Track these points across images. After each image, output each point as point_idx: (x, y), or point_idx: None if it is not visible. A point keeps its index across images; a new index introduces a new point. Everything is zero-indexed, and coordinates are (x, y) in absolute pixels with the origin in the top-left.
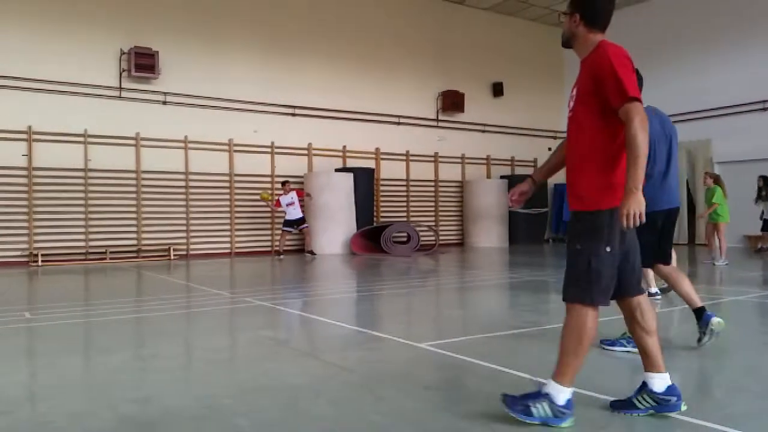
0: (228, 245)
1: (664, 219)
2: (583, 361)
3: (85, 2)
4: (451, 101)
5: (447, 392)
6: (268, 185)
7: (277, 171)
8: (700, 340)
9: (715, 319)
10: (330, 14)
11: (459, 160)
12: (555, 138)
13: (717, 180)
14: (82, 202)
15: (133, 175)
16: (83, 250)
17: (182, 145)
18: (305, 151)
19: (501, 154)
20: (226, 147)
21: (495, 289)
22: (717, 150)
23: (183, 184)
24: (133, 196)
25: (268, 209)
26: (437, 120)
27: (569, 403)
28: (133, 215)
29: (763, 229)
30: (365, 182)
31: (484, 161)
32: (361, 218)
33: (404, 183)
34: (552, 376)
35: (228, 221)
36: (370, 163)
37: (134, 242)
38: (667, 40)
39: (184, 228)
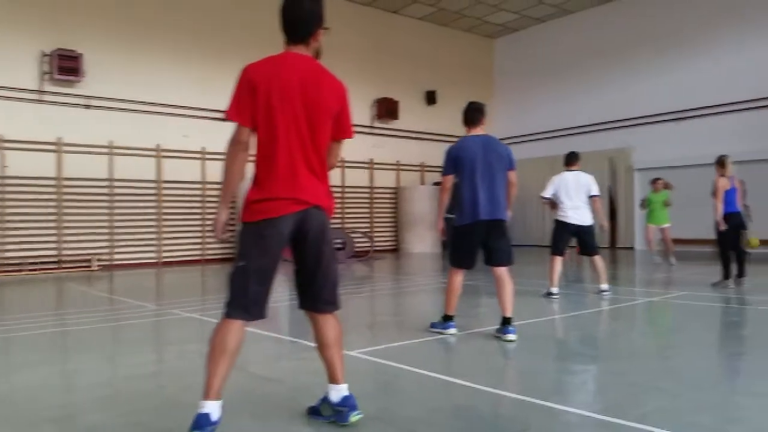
0: (155, 255)
1: (485, 227)
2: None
3: (4, 2)
4: (386, 109)
5: (375, 401)
6: (199, 192)
7: (208, 177)
8: (499, 338)
9: (510, 336)
10: (263, 19)
11: (394, 167)
12: None
13: (666, 186)
14: None
15: (54, 182)
16: None
17: (107, 150)
18: None
19: (435, 161)
20: (154, 152)
21: (427, 294)
22: (637, 158)
23: (107, 191)
24: (54, 203)
25: (198, 216)
26: (372, 127)
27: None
28: (53, 224)
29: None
30: None
31: (419, 168)
32: None
33: (339, 190)
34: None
35: (155, 230)
36: None
37: (54, 252)
38: (590, 53)
39: (108, 237)
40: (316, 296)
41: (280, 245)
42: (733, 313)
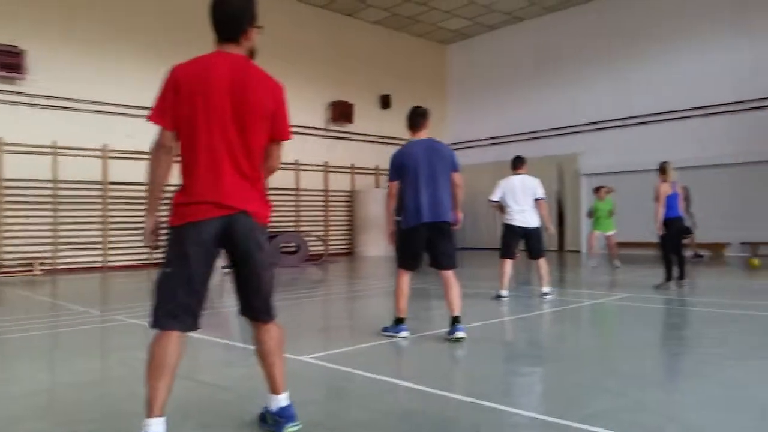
0: (100, 259)
1: (428, 230)
2: (161, 386)
3: None
4: (341, 112)
5: (324, 406)
6: (146, 194)
7: None
8: (449, 339)
9: (459, 333)
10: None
11: (349, 170)
12: None
13: (608, 191)
14: None
15: None
16: None
17: (51, 150)
18: None
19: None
20: (100, 153)
21: (380, 298)
22: (583, 163)
23: (51, 192)
24: None
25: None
26: (327, 130)
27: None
28: None
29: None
30: None
31: (374, 171)
32: None
33: (294, 193)
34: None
35: (101, 233)
36: None
37: None
38: (540, 60)
39: (52, 240)
40: (248, 304)
41: (205, 250)
42: (674, 314)
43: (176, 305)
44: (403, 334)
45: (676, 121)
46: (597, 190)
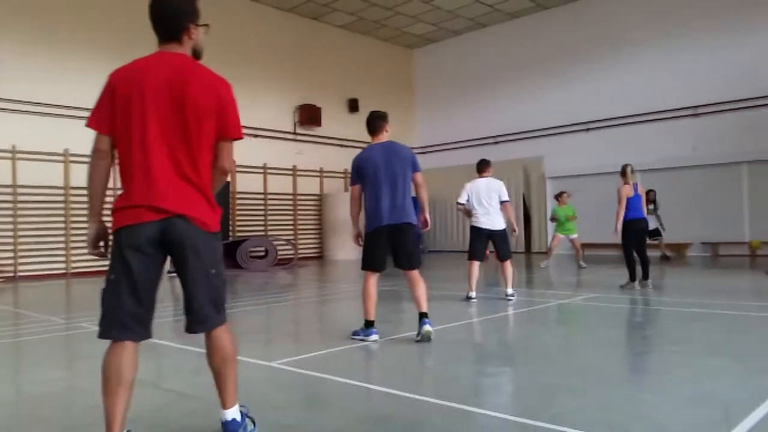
0: (63, 265)
1: (389, 232)
2: (112, 401)
3: None
4: (308, 115)
5: (294, 412)
6: (110, 199)
7: (119, 184)
8: (418, 339)
9: (426, 327)
10: None
11: (317, 174)
12: None
13: (568, 197)
14: None
15: None
16: None
17: (9, 155)
18: None
19: None
20: (62, 157)
21: (350, 302)
22: (548, 166)
23: (10, 198)
24: None
25: (110, 224)
26: (295, 133)
27: None
28: None
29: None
30: (220, 196)
31: (342, 175)
32: None
33: (262, 196)
34: None
35: (63, 239)
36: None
37: None
38: (505, 65)
39: (12, 247)
40: (186, 312)
41: (144, 255)
42: (638, 314)
43: (122, 313)
44: (373, 337)
45: (638, 124)
46: (559, 195)
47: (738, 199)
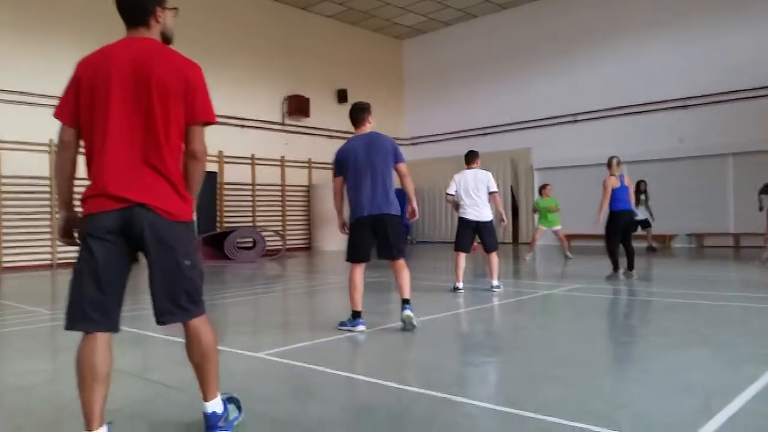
0: (49, 256)
1: (370, 223)
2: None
3: None
4: (297, 106)
5: (282, 403)
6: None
7: None
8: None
9: (406, 311)
10: None
11: (306, 165)
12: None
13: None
14: None
15: None
16: None
17: None
18: None
19: None
20: (47, 147)
21: (338, 292)
22: (536, 158)
23: None
24: None
25: None
26: (283, 124)
27: None
28: None
29: (642, 227)
30: (208, 187)
31: (331, 166)
32: (204, 224)
33: (250, 187)
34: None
35: (49, 229)
36: (213, 167)
37: None
38: (494, 56)
39: None
40: (155, 306)
41: (108, 244)
42: (623, 304)
43: (85, 304)
44: (360, 327)
45: (625, 116)
46: (542, 188)
47: (723, 190)
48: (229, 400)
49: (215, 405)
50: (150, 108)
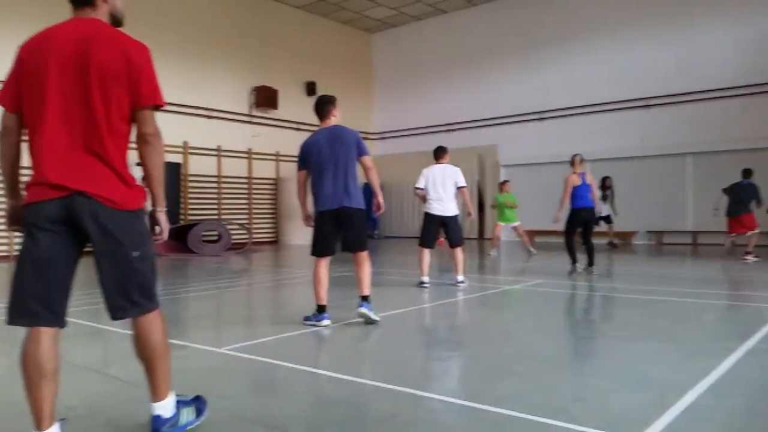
0: (6, 248)
1: (334, 217)
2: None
3: None
4: (265, 97)
5: (242, 398)
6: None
7: None
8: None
9: (361, 309)
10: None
11: (273, 157)
12: (365, 138)
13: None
14: None
15: None
16: None
17: None
18: None
19: None
20: None
21: (303, 287)
22: (503, 154)
23: None
24: None
25: None
26: (250, 115)
27: None
28: None
29: (606, 222)
30: (171, 178)
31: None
32: (167, 216)
33: (215, 179)
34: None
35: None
36: (177, 158)
37: None
38: (463, 52)
39: None
40: (105, 301)
41: (51, 234)
42: (583, 300)
43: (28, 297)
44: (325, 322)
45: (590, 115)
46: (502, 184)
47: (682, 189)
48: (187, 402)
49: (163, 407)
50: (89, 90)
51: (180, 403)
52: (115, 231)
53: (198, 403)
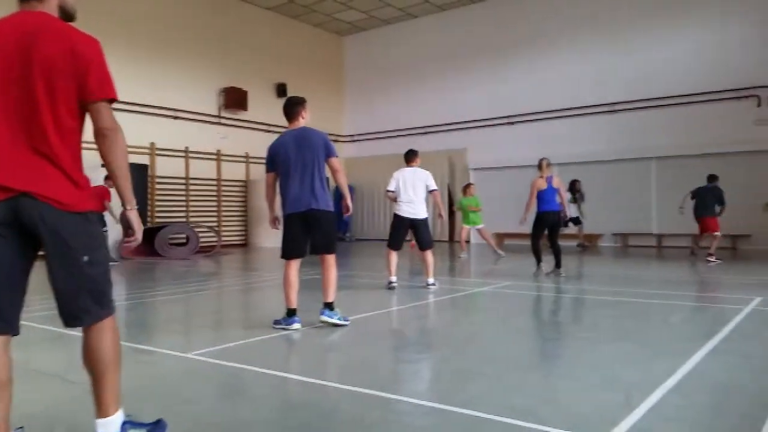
0: None
1: (302, 219)
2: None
3: None
4: (234, 98)
5: (209, 404)
6: None
7: None
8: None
9: (323, 317)
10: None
11: (243, 159)
12: (336, 141)
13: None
14: None
15: None
16: None
17: None
18: None
19: None
20: None
21: (273, 290)
22: (472, 158)
23: None
24: None
25: None
26: (219, 117)
27: None
28: None
29: (574, 224)
30: (138, 179)
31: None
32: None
33: (183, 181)
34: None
35: None
36: (144, 159)
37: None
38: (432, 57)
39: None
40: (57, 307)
41: None
42: (551, 301)
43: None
44: (295, 326)
45: (557, 119)
46: (466, 187)
47: (647, 192)
48: (139, 425)
49: (105, 425)
50: (32, 86)
51: (129, 424)
52: (63, 234)
53: (155, 428)
